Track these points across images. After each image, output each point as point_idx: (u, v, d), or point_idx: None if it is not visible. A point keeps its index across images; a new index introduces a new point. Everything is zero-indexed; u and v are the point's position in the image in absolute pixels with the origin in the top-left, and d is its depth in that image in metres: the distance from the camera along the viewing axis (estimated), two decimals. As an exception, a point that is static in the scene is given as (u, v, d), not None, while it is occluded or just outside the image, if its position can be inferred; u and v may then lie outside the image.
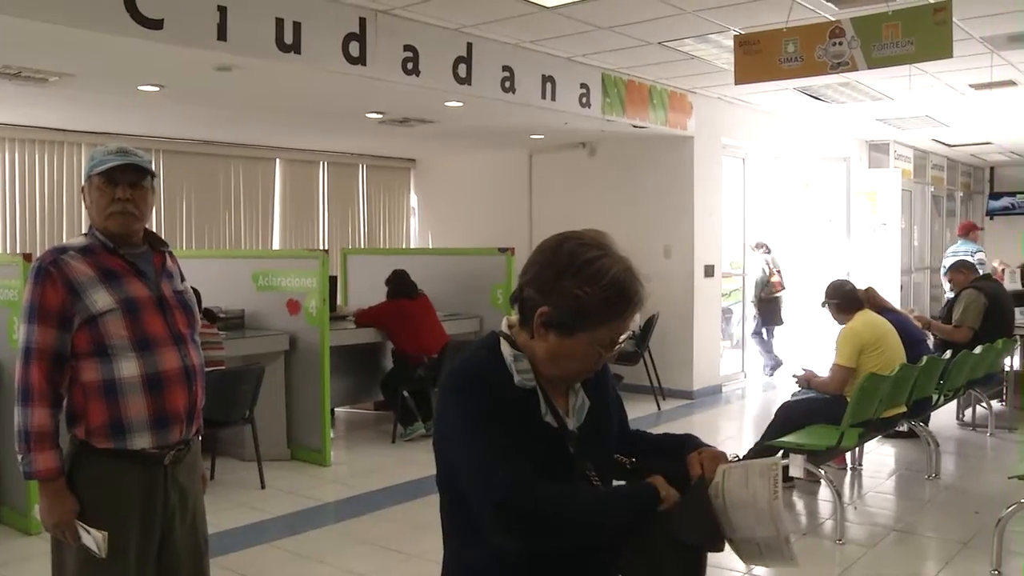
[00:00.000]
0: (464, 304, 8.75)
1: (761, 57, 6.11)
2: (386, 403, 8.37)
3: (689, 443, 2.03)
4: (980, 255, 12.90)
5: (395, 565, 4.98)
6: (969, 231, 13.09)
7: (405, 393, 7.82)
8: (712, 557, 1.88)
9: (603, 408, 2.04)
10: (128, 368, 2.66)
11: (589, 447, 1.95)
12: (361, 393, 8.81)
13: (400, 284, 7.99)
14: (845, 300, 6.32)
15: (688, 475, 1.90)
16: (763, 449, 5.68)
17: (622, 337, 1.89)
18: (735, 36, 6.31)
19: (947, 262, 13.02)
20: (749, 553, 1.85)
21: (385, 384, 8.14)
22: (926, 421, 7.28)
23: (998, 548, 4.76)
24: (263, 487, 6.34)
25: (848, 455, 6.66)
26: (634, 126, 9.08)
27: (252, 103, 7.86)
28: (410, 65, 6.71)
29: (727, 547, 1.85)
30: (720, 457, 1.93)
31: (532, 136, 10.10)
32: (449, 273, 8.89)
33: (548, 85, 7.87)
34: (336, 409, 8.58)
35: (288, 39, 5.89)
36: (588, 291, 1.81)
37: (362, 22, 6.34)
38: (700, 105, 9.86)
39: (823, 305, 6.50)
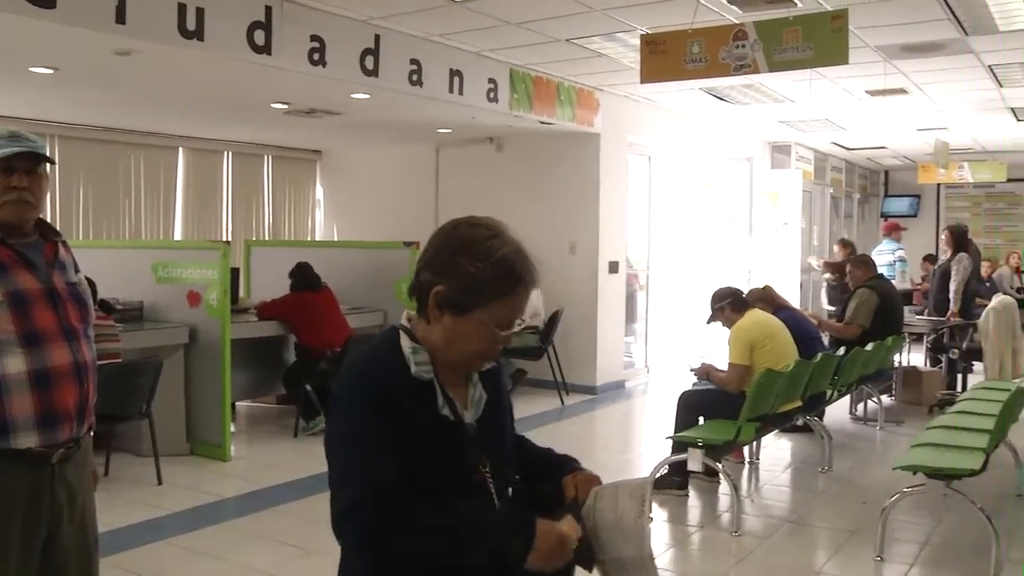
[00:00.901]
0: (368, 298, 8.69)
1: (666, 57, 6.20)
2: (288, 397, 8.28)
3: (567, 465, 2.09)
4: (900, 253, 13.44)
5: (294, 560, 4.93)
6: (892, 231, 13.60)
7: (308, 387, 7.72)
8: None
9: (499, 402, 2.06)
10: (13, 364, 2.53)
11: (486, 441, 1.96)
12: (263, 387, 8.67)
13: (303, 277, 7.91)
14: (734, 302, 6.48)
15: (562, 497, 1.97)
16: (678, 444, 5.76)
17: (518, 324, 1.92)
18: (641, 35, 6.39)
19: (881, 259, 13.58)
20: (616, 573, 1.91)
21: (287, 378, 8.03)
22: (820, 415, 7.51)
23: (881, 535, 4.98)
24: (160, 483, 6.20)
25: (746, 449, 6.83)
26: (541, 122, 9.13)
27: (153, 90, 7.68)
28: (316, 56, 6.63)
29: (595, 568, 1.92)
30: (594, 480, 2.01)
31: (439, 130, 10.07)
32: (353, 266, 8.83)
33: (456, 79, 7.86)
34: (237, 403, 8.47)
35: (191, 25, 5.75)
36: (480, 267, 1.85)
37: (268, 10, 6.24)
38: (607, 103, 9.96)
39: (709, 321, 6.65)
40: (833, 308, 10.89)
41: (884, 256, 13.49)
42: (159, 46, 5.75)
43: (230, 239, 11.15)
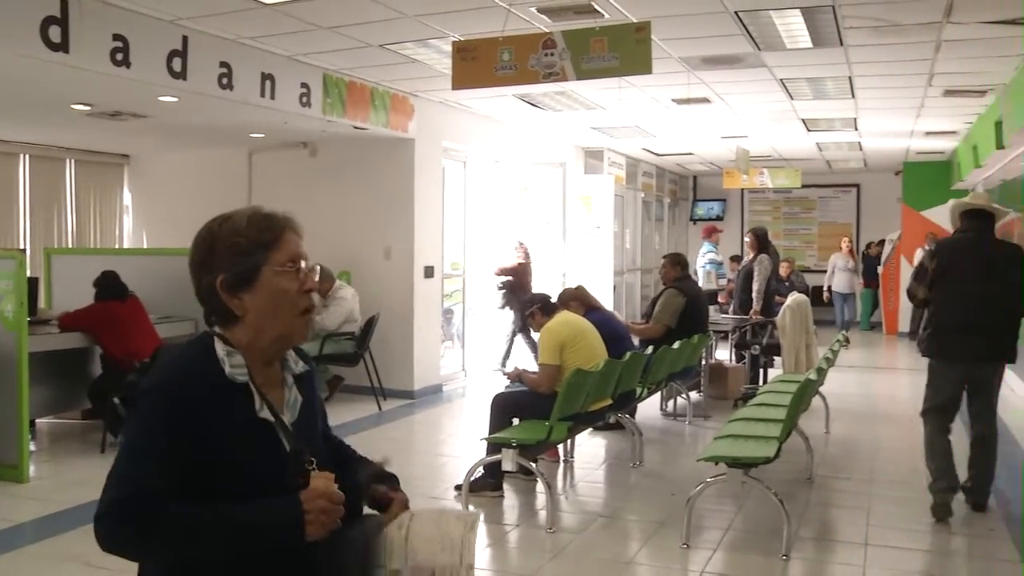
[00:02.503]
0: (178, 306, 8.37)
1: (477, 64, 6.29)
2: (94, 411, 7.92)
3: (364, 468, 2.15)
4: (711, 255, 14.11)
5: (100, 581, 4.73)
6: (711, 233, 14.25)
7: (115, 400, 7.41)
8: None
9: (313, 405, 2.08)
10: None
11: (304, 441, 1.96)
12: (67, 402, 8.25)
13: (109, 285, 7.58)
14: (543, 307, 6.71)
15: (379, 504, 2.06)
16: (492, 446, 5.83)
17: (313, 269, 1.97)
18: (453, 42, 6.46)
19: (698, 261, 14.25)
20: None
21: (93, 391, 7.69)
22: (632, 413, 7.79)
23: (687, 524, 5.24)
24: (-54, 510, 5.82)
25: (560, 448, 7.01)
26: (355, 127, 9.08)
27: (-65, 87, 7.20)
28: (120, 56, 6.36)
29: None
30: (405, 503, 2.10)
31: (252, 134, 9.87)
32: (163, 274, 8.48)
33: (268, 83, 7.72)
34: (37, 420, 8.02)
35: (-27, 17, 5.42)
36: (240, 234, 1.91)
37: (64, 5, 5.93)
38: (422, 108, 10.00)
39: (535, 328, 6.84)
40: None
41: (700, 258, 14.21)
42: (-64, 38, 5.39)
43: (27, 247, 10.57)
